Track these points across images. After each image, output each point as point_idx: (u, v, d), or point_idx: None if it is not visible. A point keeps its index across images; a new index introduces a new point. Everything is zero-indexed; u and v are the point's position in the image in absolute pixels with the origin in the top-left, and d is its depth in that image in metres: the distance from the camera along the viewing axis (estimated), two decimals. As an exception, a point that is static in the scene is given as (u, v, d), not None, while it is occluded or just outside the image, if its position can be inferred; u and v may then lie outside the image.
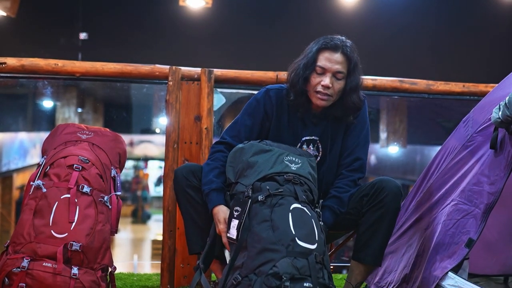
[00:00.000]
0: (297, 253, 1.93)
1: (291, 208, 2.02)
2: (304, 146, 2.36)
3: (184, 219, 2.34)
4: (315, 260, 1.94)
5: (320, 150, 2.37)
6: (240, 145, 2.20)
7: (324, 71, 2.28)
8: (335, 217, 2.28)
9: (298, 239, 1.95)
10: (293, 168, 2.13)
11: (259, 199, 2.03)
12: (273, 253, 1.92)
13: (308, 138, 2.36)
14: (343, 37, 2.34)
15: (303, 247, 1.94)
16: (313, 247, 1.97)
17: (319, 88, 2.28)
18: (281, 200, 2.03)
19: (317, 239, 2.00)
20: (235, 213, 2.06)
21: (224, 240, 2.12)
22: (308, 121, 2.35)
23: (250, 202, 2.03)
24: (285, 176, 2.10)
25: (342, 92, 2.31)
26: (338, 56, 2.28)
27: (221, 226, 2.14)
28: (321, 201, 2.26)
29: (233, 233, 2.05)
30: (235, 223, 2.05)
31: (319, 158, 2.36)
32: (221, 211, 2.16)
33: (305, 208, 2.05)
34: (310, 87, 2.31)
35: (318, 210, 2.14)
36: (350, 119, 2.37)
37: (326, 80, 2.27)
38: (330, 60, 2.28)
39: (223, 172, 2.25)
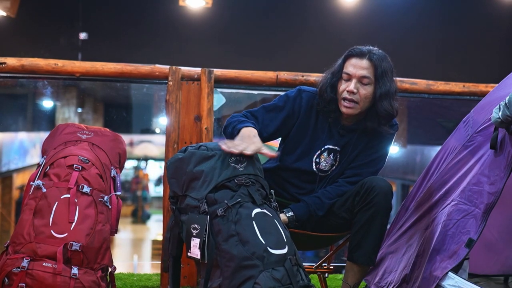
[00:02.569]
0: (273, 263, 1.88)
1: (253, 215, 1.96)
2: (324, 154, 2.36)
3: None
4: (291, 264, 1.91)
5: (338, 160, 2.37)
6: (179, 155, 2.09)
7: (349, 77, 2.29)
8: (307, 215, 2.29)
9: (270, 248, 1.90)
10: (241, 169, 2.05)
11: (219, 214, 1.95)
12: (250, 269, 1.86)
13: (330, 147, 2.36)
14: (374, 47, 2.35)
15: (277, 254, 1.91)
16: (285, 251, 1.93)
17: (345, 94, 2.28)
18: (240, 208, 1.96)
19: (285, 240, 1.97)
20: (194, 232, 1.97)
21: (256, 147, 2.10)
22: (335, 131, 2.35)
23: (208, 218, 1.95)
24: (235, 180, 2.02)
25: (372, 99, 2.30)
26: (363, 62, 2.29)
27: (255, 143, 2.11)
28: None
29: (195, 252, 1.95)
30: (196, 242, 1.95)
31: (334, 167, 2.37)
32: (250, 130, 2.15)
33: (265, 210, 2.00)
34: (338, 95, 2.32)
35: (275, 204, 2.09)
36: (385, 129, 2.35)
37: (351, 85, 2.27)
38: (355, 66, 2.29)
39: (248, 120, 2.26)
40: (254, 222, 1.94)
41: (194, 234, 1.97)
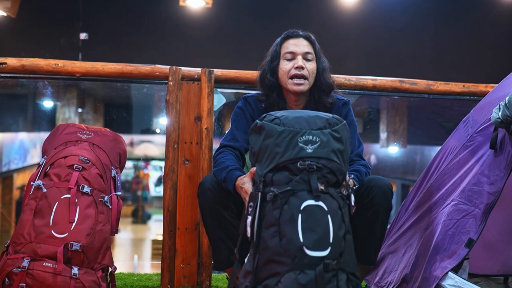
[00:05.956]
0: (304, 265, 1.76)
1: (301, 208, 1.82)
2: None
3: (210, 237, 2.29)
4: (323, 269, 1.77)
5: None
6: (259, 123, 1.99)
7: (293, 55, 2.36)
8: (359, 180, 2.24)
9: (306, 248, 1.77)
10: (309, 151, 1.88)
11: (267, 198, 1.85)
12: (279, 265, 1.78)
13: None
14: None
15: (312, 256, 1.77)
16: (324, 253, 1.78)
17: (294, 72, 2.32)
18: (292, 197, 1.83)
19: (331, 241, 1.81)
20: (249, 209, 1.89)
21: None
22: None
23: (259, 199, 1.87)
24: (299, 164, 1.87)
25: (316, 75, 2.36)
26: (302, 40, 2.39)
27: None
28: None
29: (247, 230, 1.87)
30: (249, 220, 1.87)
31: None
32: (245, 182, 2.03)
33: (320, 203, 1.84)
34: (283, 77, 2.35)
35: (344, 193, 1.92)
36: (332, 102, 2.38)
37: (299, 61, 2.33)
38: (297, 45, 2.37)
39: (237, 158, 2.24)
40: (300, 215, 1.81)
41: (249, 212, 1.89)
